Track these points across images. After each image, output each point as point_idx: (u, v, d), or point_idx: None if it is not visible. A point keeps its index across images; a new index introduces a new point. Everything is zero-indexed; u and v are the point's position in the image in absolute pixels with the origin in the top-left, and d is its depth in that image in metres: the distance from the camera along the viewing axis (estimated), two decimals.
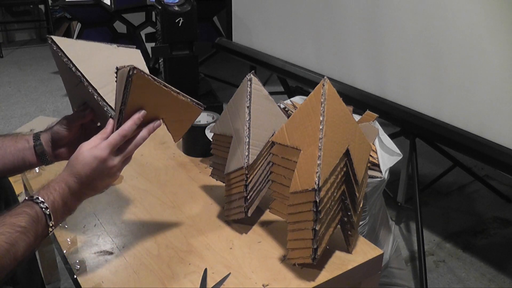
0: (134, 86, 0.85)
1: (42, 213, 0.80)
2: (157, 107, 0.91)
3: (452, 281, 1.77)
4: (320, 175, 0.87)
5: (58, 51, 0.97)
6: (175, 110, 0.94)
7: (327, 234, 0.95)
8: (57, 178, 0.85)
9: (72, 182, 0.84)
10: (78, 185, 0.85)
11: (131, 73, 0.84)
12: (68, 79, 1.02)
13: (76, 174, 0.84)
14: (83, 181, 0.85)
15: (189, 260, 1.00)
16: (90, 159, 0.84)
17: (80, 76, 0.96)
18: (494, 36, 1.42)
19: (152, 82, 0.87)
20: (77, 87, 0.99)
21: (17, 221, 0.76)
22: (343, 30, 1.95)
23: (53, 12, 4.80)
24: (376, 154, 1.35)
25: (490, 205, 2.23)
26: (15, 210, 0.79)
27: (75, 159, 0.85)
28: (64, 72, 1.02)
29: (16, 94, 3.61)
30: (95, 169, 0.84)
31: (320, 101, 0.93)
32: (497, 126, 1.47)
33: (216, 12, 3.73)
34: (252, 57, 2.48)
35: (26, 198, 0.82)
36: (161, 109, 0.93)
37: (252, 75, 1.10)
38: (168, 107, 0.93)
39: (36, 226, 0.78)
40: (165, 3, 2.66)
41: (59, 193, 0.83)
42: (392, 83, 1.80)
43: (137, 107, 0.88)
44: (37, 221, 0.79)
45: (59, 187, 0.84)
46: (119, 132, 0.86)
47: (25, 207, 0.79)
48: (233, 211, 1.08)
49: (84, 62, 0.98)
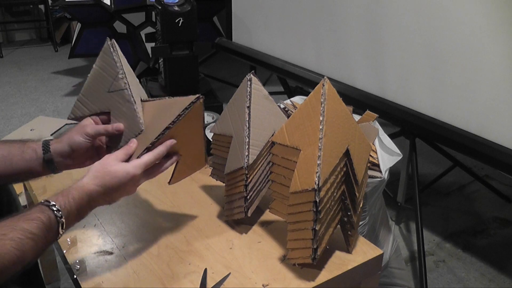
0: (191, 112, 0.92)
1: (55, 221, 0.79)
2: (183, 143, 0.96)
3: (452, 281, 1.77)
4: (320, 175, 0.87)
5: (115, 53, 0.99)
6: (192, 153, 1.01)
7: (327, 234, 0.95)
8: (78, 186, 0.84)
9: (95, 193, 0.84)
10: (100, 196, 0.85)
11: (197, 100, 0.93)
12: (99, 82, 1.00)
13: (102, 185, 0.84)
14: (106, 193, 0.85)
15: (189, 260, 1.00)
16: (122, 173, 0.85)
17: (127, 84, 0.97)
18: (494, 36, 1.42)
19: (201, 118, 0.96)
20: (108, 94, 0.98)
21: (29, 227, 0.75)
22: (343, 30, 1.95)
23: (53, 12, 4.80)
24: (376, 154, 1.35)
25: (490, 205, 2.23)
26: (29, 213, 0.77)
27: (103, 170, 0.85)
28: (99, 74, 1.00)
29: (16, 94, 3.61)
30: (124, 184, 0.86)
31: (320, 101, 0.93)
32: (497, 126, 1.47)
33: (216, 12, 3.73)
34: (252, 57, 2.48)
35: (42, 202, 0.80)
36: (185, 146, 0.98)
37: (252, 75, 1.10)
38: (190, 147, 1.00)
39: (47, 234, 0.77)
40: (165, 3, 2.66)
41: (77, 203, 0.82)
42: (392, 83, 1.79)
43: (174, 134, 0.93)
44: (49, 228, 0.78)
45: (79, 196, 0.83)
46: (154, 155, 0.90)
47: (40, 213, 0.78)
48: (233, 211, 1.08)
49: (128, 75, 1.00)
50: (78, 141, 0.94)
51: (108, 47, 0.99)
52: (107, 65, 0.99)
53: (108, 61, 0.99)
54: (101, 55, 1.00)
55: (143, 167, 0.88)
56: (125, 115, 0.97)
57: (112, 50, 0.99)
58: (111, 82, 0.98)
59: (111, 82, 0.98)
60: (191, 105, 0.93)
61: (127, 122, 0.96)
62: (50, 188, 1.26)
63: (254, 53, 2.49)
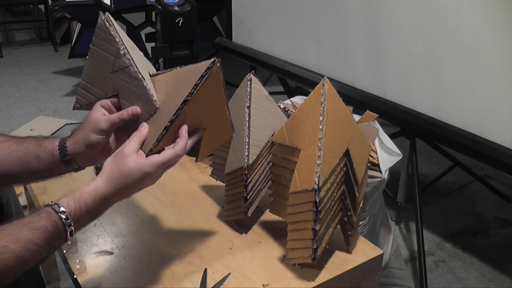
0: (209, 80, 0.80)
1: (63, 229, 0.74)
2: (206, 115, 0.86)
3: (452, 281, 1.77)
4: (320, 175, 0.87)
5: (111, 28, 0.86)
6: (217, 124, 0.88)
7: (327, 234, 0.95)
8: (91, 189, 0.78)
9: (109, 195, 0.78)
10: (115, 197, 0.79)
11: (213, 65, 0.79)
12: (100, 63, 0.89)
13: (117, 187, 0.78)
14: (122, 193, 0.79)
15: (189, 260, 0.99)
16: (138, 174, 0.78)
17: (131, 60, 0.85)
18: (494, 36, 1.42)
19: (221, 84, 0.82)
20: (113, 74, 0.87)
21: (34, 237, 0.71)
22: (343, 30, 1.95)
23: (53, 12, 4.80)
24: (376, 154, 1.35)
25: (490, 205, 2.23)
26: (35, 220, 0.72)
27: (117, 170, 0.78)
28: (99, 54, 0.89)
29: (16, 94, 3.61)
30: (140, 181, 0.79)
31: (320, 101, 0.93)
32: (497, 126, 1.47)
33: (216, 12, 3.73)
34: (252, 57, 2.48)
35: (51, 204, 0.75)
36: (208, 119, 0.87)
37: (252, 75, 1.10)
38: (214, 118, 0.87)
39: (53, 242, 0.73)
40: (165, 3, 2.65)
41: (88, 208, 0.77)
42: (392, 83, 1.79)
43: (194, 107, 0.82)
44: (55, 237, 0.73)
45: (92, 200, 0.77)
46: (177, 152, 0.81)
47: (46, 220, 0.73)
48: (233, 211, 1.08)
49: (131, 50, 0.88)
50: (94, 139, 0.86)
51: (103, 22, 0.87)
52: (105, 43, 0.87)
53: (106, 38, 0.87)
54: (97, 32, 0.88)
55: (164, 166, 0.80)
56: (135, 94, 0.86)
57: (108, 25, 0.86)
58: (114, 60, 0.87)
59: (113, 61, 0.87)
60: (207, 71, 0.80)
61: (140, 102, 0.86)
62: (50, 188, 1.25)
63: (254, 53, 2.49)
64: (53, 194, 1.23)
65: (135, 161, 0.78)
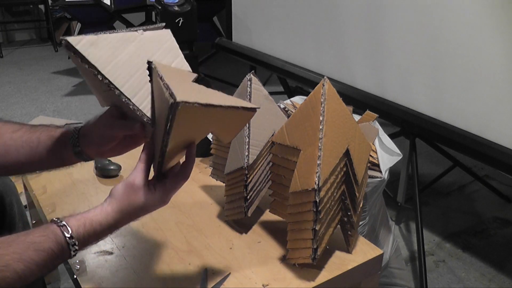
0: (178, 120, 0.67)
1: (68, 253, 0.73)
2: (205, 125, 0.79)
3: (452, 281, 1.77)
4: (320, 175, 0.87)
5: (77, 56, 0.78)
6: (225, 121, 0.80)
7: (327, 234, 0.95)
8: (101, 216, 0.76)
9: (119, 224, 0.78)
10: (123, 224, 0.79)
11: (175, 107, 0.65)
12: (94, 84, 0.85)
13: (126, 216, 0.77)
14: (132, 219, 0.79)
15: (189, 260, 0.99)
16: (149, 207, 0.78)
17: (109, 84, 0.79)
18: (494, 36, 1.42)
19: (202, 108, 0.68)
20: (108, 93, 0.82)
21: (38, 259, 0.70)
22: (343, 30, 1.95)
23: (53, 12, 4.80)
24: (376, 154, 1.35)
25: (490, 205, 2.23)
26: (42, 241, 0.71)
27: (128, 202, 0.77)
28: (88, 76, 0.82)
29: (16, 94, 3.61)
30: (150, 210, 0.80)
31: (320, 101, 0.93)
32: (497, 126, 1.47)
33: (216, 12, 3.73)
34: (252, 57, 2.48)
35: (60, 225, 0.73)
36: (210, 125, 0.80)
37: (252, 75, 1.10)
38: (217, 121, 0.79)
39: (56, 262, 0.73)
40: (165, 3, 2.66)
41: (97, 234, 0.76)
42: (392, 83, 1.79)
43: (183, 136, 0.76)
44: (60, 257, 0.73)
45: (101, 228, 0.76)
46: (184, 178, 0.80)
47: (53, 243, 0.72)
48: (233, 211, 1.08)
49: (110, 64, 0.79)
50: (108, 136, 0.85)
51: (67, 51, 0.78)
52: (82, 68, 0.80)
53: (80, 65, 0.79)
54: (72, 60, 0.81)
55: (172, 194, 0.80)
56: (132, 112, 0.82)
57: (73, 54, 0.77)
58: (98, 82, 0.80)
59: (98, 83, 0.80)
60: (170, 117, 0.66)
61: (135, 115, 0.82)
62: (50, 188, 1.26)
63: (254, 53, 2.49)
64: (53, 194, 1.23)
65: (146, 194, 0.77)
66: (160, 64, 0.76)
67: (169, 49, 0.85)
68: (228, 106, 0.74)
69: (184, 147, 0.80)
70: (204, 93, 0.74)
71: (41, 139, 0.88)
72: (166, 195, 0.79)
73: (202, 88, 0.76)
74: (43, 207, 1.18)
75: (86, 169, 1.34)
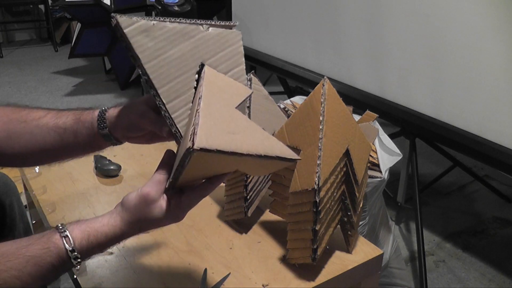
0: (192, 163, 0.63)
1: (70, 265, 0.71)
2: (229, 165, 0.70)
3: (452, 281, 1.77)
4: (320, 175, 0.87)
5: (123, 39, 0.70)
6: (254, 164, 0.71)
7: (327, 234, 0.95)
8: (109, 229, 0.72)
9: (127, 235, 0.74)
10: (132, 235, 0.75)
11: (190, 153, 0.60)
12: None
13: (137, 228, 0.73)
14: (141, 231, 0.75)
15: (189, 260, 0.99)
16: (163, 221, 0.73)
17: (147, 80, 0.71)
18: (494, 36, 1.42)
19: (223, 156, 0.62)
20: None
21: (37, 274, 0.68)
22: (343, 30, 1.95)
23: (53, 12, 4.80)
24: (376, 154, 1.36)
25: (490, 205, 2.23)
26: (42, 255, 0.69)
27: (140, 214, 0.72)
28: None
29: (16, 94, 3.61)
30: (162, 225, 0.75)
31: (320, 101, 0.93)
32: (497, 126, 1.47)
33: (216, 12, 3.73)
34: (252, 57, 2.48)
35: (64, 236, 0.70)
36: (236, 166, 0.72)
37: (252, 75, 1.10)
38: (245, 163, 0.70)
39: (57, 273, 0.71)
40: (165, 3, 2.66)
41: (101, 247, 0.73)
42: (392, 83, 1.79)
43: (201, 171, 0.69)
44: (60, 270, 0.71)
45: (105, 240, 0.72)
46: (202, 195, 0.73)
47: (55, 258, 0.69)
48: (233, 211, 1.08)
49: (156, 59, 0.71)
50: (136, 124, 0.81)
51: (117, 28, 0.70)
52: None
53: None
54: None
55: (188, 210, 0.74)
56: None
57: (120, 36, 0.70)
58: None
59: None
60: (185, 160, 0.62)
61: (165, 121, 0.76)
62: (50, 188, 1.25)
63: (254, 53, 2.49)
64: (53, 194, 1.23)
65: (160, 209, 0.72)
66: (213, 72, 0.68)
67: (231, 55, 0.74)
68: (259, 155, 0.65)
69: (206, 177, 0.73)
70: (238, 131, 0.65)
71: (68, 124, 0.84)
72: (181, 212, 0.73)
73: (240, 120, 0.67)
74: (43, 207, 1.18)
75: (86, 169, 1.34)
